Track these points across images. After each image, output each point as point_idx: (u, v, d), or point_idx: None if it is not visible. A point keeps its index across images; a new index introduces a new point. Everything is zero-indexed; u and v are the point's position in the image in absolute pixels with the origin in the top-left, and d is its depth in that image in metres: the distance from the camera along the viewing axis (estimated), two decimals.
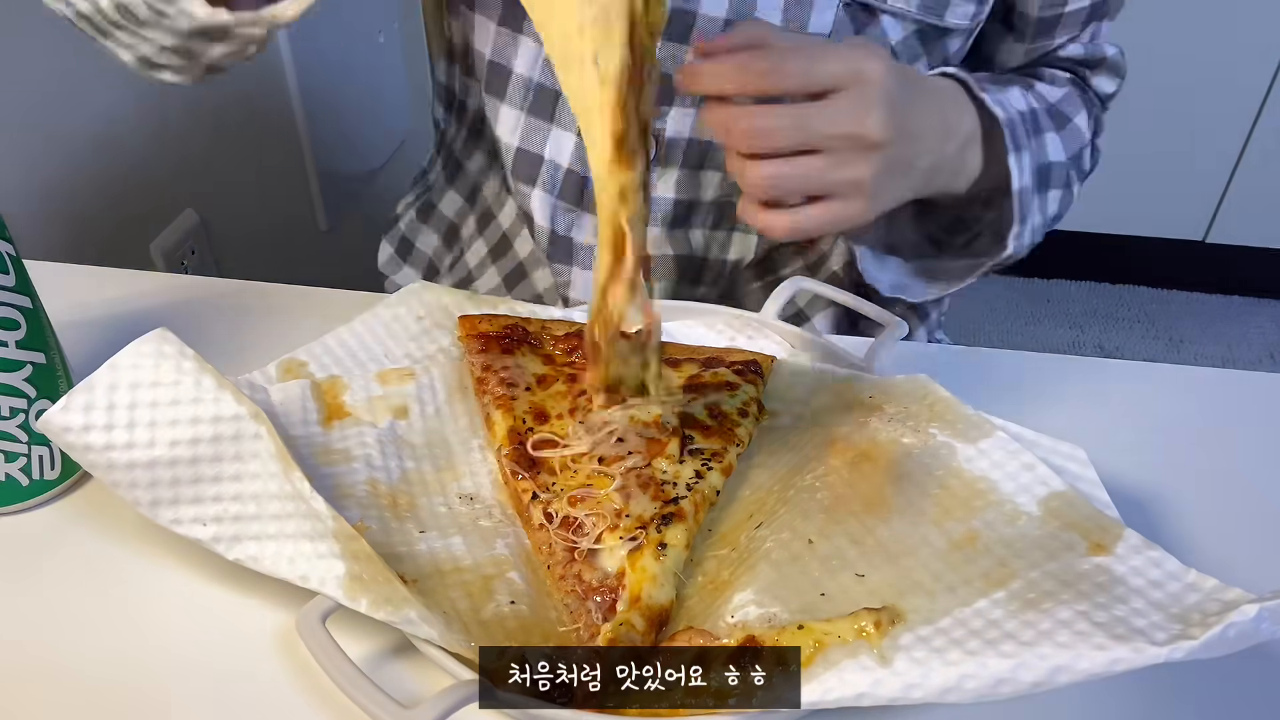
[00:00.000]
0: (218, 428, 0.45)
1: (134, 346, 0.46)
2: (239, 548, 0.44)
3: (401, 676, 0.44)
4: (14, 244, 0.48)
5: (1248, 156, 2.01)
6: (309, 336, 0.57)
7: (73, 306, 0.53)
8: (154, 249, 1.11)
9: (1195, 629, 0.37)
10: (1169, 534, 0.53)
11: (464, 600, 0.45)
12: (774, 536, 0.46)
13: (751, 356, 0.59)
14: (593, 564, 0.46)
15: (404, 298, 0.60)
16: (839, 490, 0.48)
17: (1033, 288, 2.32)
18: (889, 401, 0.53)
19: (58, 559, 0.49)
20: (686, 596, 0.46)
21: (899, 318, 0.61)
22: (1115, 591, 0.40)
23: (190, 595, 0.47)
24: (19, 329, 0.48)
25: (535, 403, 0.54)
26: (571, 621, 0.45)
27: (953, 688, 0.38)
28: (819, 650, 0.39)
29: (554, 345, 0.58)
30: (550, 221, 0.74)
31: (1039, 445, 0.49)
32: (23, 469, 0.50)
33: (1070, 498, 0.46)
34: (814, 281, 0.65)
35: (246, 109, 1.31)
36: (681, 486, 0.49)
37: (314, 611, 0.41)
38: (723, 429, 0.53)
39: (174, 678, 0.44)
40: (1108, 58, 0.76)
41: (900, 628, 0.40)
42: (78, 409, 0.45)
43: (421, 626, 0.41)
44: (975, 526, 0.45)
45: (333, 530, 0.43)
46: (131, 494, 0.45)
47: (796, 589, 0.43)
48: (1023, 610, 0.40)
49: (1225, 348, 2.15)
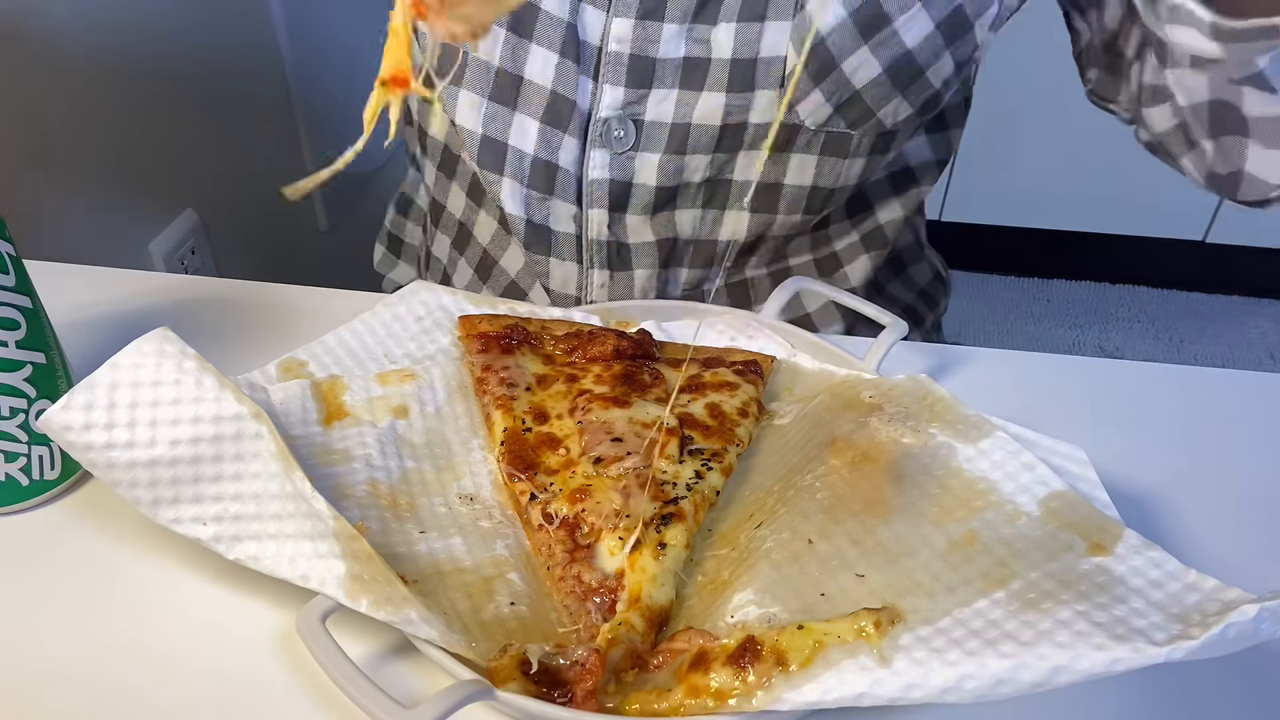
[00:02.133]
0: (219, 427, 0.45)
1: (135, 346, 0.46)
2: (239, 547, 0.44)
3: (401, 676, 0.44)
4: (14, 244, 0.48)
5: None
6: (309, 336, 0.57)
7: (73, 306, 0.53)
8: (154, 249, 1.11)
9: (1195, 629, 0.37)
10: (1169, 534, 0.53)
11: (464, 601, 0.45)
12: (774, 536, 0.46)
13: (751, 356, 0.59)
14: (592, 564, 0.46)
15: (403, 297, 0.60)
16: (839, 490, 0.48)
17: (1033, 288, 2.33)
18: (889, 401, 0.53)
19: (58, 559, 0.49)
20: (686, 596, 0.46)
21: (899, 318, 0.61)
22: (1115, 591, 0.40)
23: (190, 595, 0.47)
24: (19, 329, 0.48)
25: (535, 403, 0.54)
26: (571, 623, 0.45)
27: (952, 688, 0.38)
28: (818, 650, 0.39)
29: (554, 345, 0.58)
30: (525, 210, 0.73)
31: (1039, 445, 0.49)
32: (23, 469, 0.50)
33: (1070, 498, 0.46)
34: (814, 281, 0.65)
35: (247, 109, 1.31)
36: (681, 486, 0.49)
37: (314, 611, 0.41)
38: (723, 429, 0.53)
39: (174, 677, 0.44)
40: None
41: (900, 628, 0.40)
42: (79, 408, 0.45)
43: (422, 627, 0.41)
44: (975, 526, 0.45)
45: (333, 530, 0.43)
46: (132, 493, 0.45)
47: (796, 589, 0.43)
48: (1022, 610, 0.40)
49: (1225, 348, 2.15)
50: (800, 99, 0.69)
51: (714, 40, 0.67)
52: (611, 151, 0.71)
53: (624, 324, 0.62)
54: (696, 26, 0.67)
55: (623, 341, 0.57)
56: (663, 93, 0.69)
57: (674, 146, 0.71)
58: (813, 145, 0.72)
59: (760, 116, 0.70)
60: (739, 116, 0.69)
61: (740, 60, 0.67)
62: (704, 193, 0.73)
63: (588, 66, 0.69)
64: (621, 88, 0.69)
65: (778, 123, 0.69)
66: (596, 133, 0.71)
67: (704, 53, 0.68)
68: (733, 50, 0.67)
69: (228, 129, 1.25)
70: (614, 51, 0.68)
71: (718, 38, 0.67)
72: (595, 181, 0.72)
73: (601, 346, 0.57)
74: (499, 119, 0.71)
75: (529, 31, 0.69)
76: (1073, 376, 0.65)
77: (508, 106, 0.71)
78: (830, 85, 0.68)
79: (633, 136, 0.71)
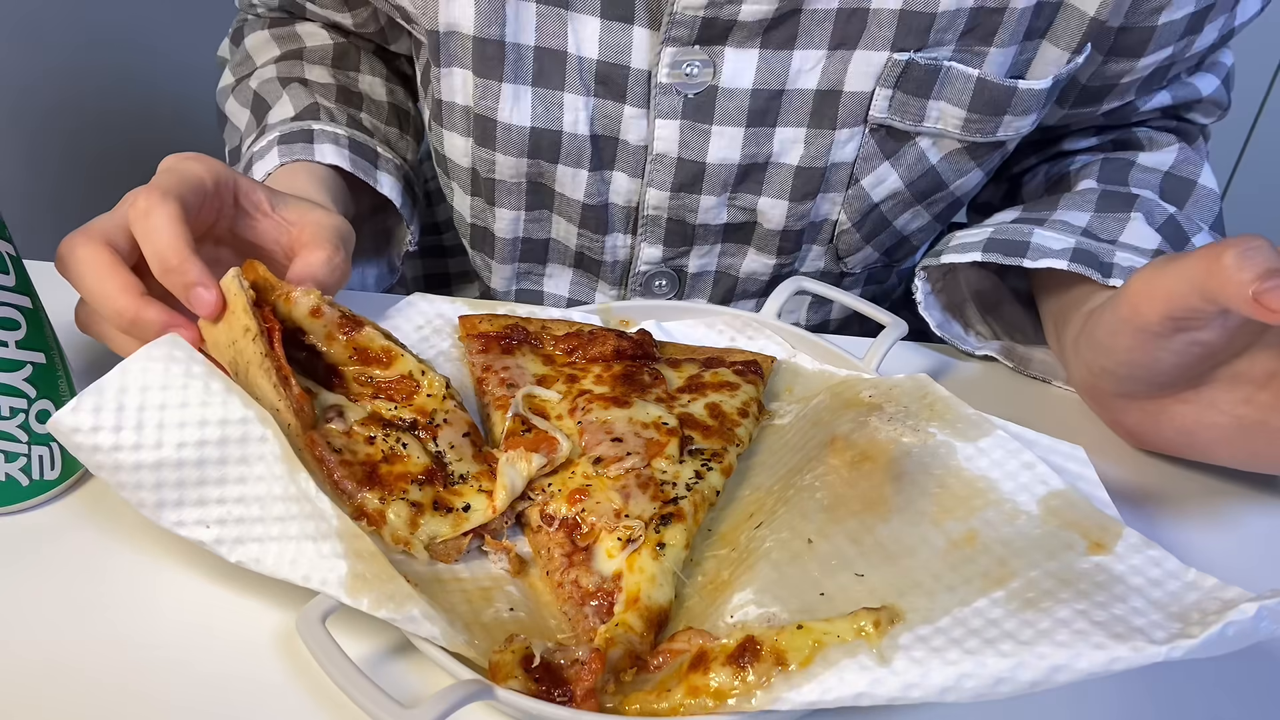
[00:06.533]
0: (225, 430, 0.45)
1: (144, 351, 0.46)
2: (241, 550, 0.44)
3: (401, 676, 0.44)
4: (14, 244, 0.48)
5: (1248, 156, 2.01)
6: None
7: (73, 306, 0.53)
8: None
9: (1194, 628, 0.37)
10: (1169, 534, 0.53)
11: (464, 605, 0.45)
12: (773, 536, 0.46)
13: (751, 356, 0.59)
14: (590, 567, 0.46)
15: (401, 309, 0.60)
16: (838, 490, 0.48)
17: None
18: (888, 401, 0.53)
19: (58, 559, 0.49)
20: (686, 597, 0.46)
21: (899, 317, 0.61)
22: (1114, 590, 0.40)
23: (190, 595, 0.47)
24: (19, 329, 0.48)
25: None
26: (570, 628, 0.45)
27: (952, 687, 0.38)
28: (818, 650, 0.39)
29: (554, 345, 0.58)
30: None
31: (1038, 444, 0.49)
32: (23, 469, 0.50)
33: (1070, 497, 0.46)
34: (814, 281, 0.65)
35: None
36: (681, 487, 0.49)
37: (314, 611, 0.41)
38: (723, 429, 0.53)
39: (174, 677, 0.44)
40: (1204, 98, 0.70)
41: (899, 627, 0.40)
42: (87, 410, 0.45)
43: (424, 624, 0.41)
44: (974, 526, 0.45)
45: (336, 530, 0.43)
46: (136, 495, 0.45)
47: (796, 589, 0.43)
48: (1022, 609, 0.40)
49: None
50: (849, 254, 0.71)
51: (760, 210, 0.67)
52: (653, 299, 0.72)
53: (624, 324, 0.62)
54: (739, 196, 0.67)
55: (623, 341, 0.57)
56: (705, 248, 0.70)
57: (720, 296, 0.73)
58: (858, 282, 0.75)
59: (810, 266, 0.72)
60: (788, 270, 0.71)
61: (791, 230, 0.68)
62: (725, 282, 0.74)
63: (623, 226, 0.70)
64: (660, 246, 0.70)
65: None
66: (637, 283, 0.72)
67: (748, 218, 0.68)
68: (784, 224, 0.67)
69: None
70: (651, 215, 0.68)
71: (764, 209, 0.67)
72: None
73: (601, 347, 0.57)
74: (532, 273, 0.75)
75: (550, 204, 0.70)
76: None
77: (538, 263, 0.74)
78: (881, 240, 0.70)
79: (675, 286, 0.72)
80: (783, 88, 0.61)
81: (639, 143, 0.65)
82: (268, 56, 0.77)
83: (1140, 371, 0.50)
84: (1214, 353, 0.48)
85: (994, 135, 0.63)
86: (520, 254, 0.73)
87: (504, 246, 0.73)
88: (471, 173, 0.69)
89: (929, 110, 0.61)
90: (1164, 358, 0.48)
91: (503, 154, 0.66)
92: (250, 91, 0.75)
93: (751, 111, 0.62)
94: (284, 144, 0.67)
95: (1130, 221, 0.62)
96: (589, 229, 0.70)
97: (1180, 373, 0.49)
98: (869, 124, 0.62)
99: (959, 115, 0.61)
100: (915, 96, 0.61)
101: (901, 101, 0.61)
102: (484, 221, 0.72)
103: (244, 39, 0.79)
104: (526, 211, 0.70)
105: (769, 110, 0.62)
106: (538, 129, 0.64)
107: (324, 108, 0.71)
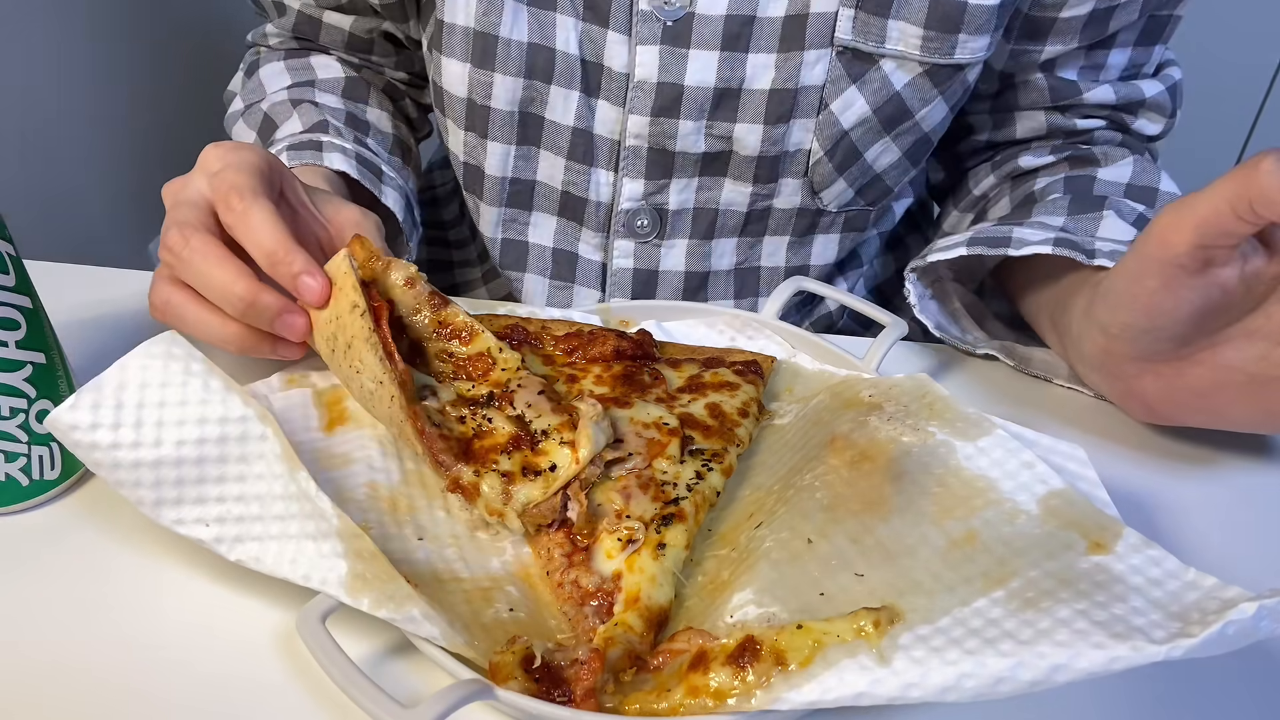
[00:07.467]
0: (224, 428, 0.45)
1: (143, 348, 0.46)
2: (240, 548, 0.44)
3: (401, 676, 0.44)
4: (14, 244, 0.48)
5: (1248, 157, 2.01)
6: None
7: (73, 306, 0.53)
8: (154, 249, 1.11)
9: (1194, 627, 0.37)
10: (1169, 534, 0.53)
11: (464, 605, 0.45)
12: (773, 536, 0.46)
13: (752, 357, 0.59)
14: (590, 568, 0.46)
15: None
16: (838, 489, 0.48)
17: None
18: (888, 400, 0.53)
19: (58, 559, 0.49)
20: (686, 597, 0.46)
21: (899, 317, 0.61)
22: (1114, 590, 0.40)
23: (190, 595, 0.47)
24: (19, 329, 0.48)
25: None
26: (571, 629, 0.45)
27: (952, 687, 0.38)
28: (818, 650, 0.39)
29: (554, 345, 0.58)
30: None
31: (1038, 444, 0.49)
32: (23, 469, 0.50)
33: (1070, 496, 0.46)
34: (814, 281, 0.66)
35: None
36: (682, 487, 0.49)
37: (314, 611, 0.41)
38: (723, 429, 0.53)
39: (174, 677, 0.44)
40: (1147, 99, 0.72)
41: (899, 627, 0.40)
42: (86, 408, 0.45)
43: (424, 625, 0.41)
44: (974, 525, 0.45)
45: (337, 529, 0.43)
46: (135, 494, 0.45)
47: (796, 589, 0.43)
48: (1022, 609, 0.40)
49: None
50: (824, 187, 0.72)
51: (736, 137, 0.69)
52: (636, 241, 0.74)
53: (624, 324, 0.62)
54: (715, 124, 0.69)
55: (623, 342, 0.57)
56: (684, 181, 0.72)
57: (700, 233, 0.73)
58: (835, 225, 0.76)
59: (786, 202, 0.73)
60: (764, 203, 0.73)
61: (766, 156, 0.70)
62: (734, 281, 0.76)
63: (606, 160, 0.72)
64: (641, 180, 0.72)
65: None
66: (619, 224, 0.74)
67: (724, 147, 0.70)
68: (759, 149, 0.69)
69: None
70: (632, 146, 0.70)
71: (740, 135, 0.69)
72: (619, 271, 0.75)
73: (601, 347, 0.57)
74: (517, 220, 0.76)
75: (537, 139, 0.72)
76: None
77: (524, 209, 0.76)
78: (854, 173, 0.72)
79: (656, 225, 0.74)
80: (754, 14, 0.65)
81: (622, 70, 0.68)
82: (280, 85, 0.79)
83: (1162, 320, 0.51)
84: (1232, 304, 0.50)
85: (952, 56, 0.66)
86: (508, 197, 0.75)
87: (493, 186, 0.74)
88: (468, 103, 0.71)
89: (889, 30, 0.65)
90: (1188, 299, 0.49)
91: (501, 74, 0.68)
92: (260, 113, 0.77)
93: (726, 35, 0.65)
94: (293, 150, 0.69)
95: (1104, 219, 0.65)
96: (575, 159, 0.72)
97: (1199, 323, 0.51)
98: (835, 46, 0.65)
99: (917, 34, 0.65)
100: (876, 16, 0.64)
101: (864, 22, 0.65)
102: (475, 159, 0.74)
103: (258, 70, 0.81)
104: (516, 146, 0.72)
105: (741, 35, 0.65)
106: (535, 44, 0.67)
107: (333, 125, 0.74)
